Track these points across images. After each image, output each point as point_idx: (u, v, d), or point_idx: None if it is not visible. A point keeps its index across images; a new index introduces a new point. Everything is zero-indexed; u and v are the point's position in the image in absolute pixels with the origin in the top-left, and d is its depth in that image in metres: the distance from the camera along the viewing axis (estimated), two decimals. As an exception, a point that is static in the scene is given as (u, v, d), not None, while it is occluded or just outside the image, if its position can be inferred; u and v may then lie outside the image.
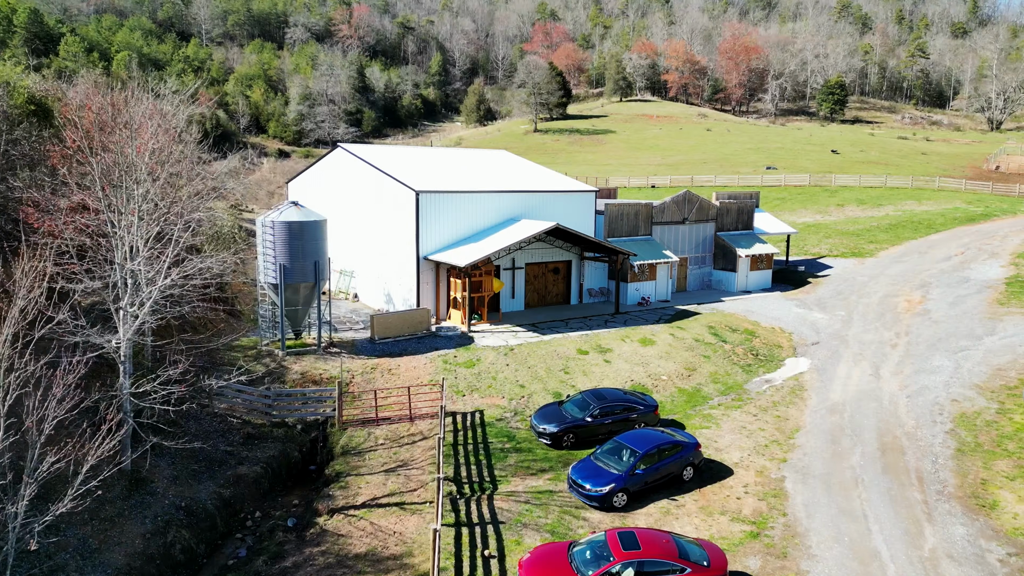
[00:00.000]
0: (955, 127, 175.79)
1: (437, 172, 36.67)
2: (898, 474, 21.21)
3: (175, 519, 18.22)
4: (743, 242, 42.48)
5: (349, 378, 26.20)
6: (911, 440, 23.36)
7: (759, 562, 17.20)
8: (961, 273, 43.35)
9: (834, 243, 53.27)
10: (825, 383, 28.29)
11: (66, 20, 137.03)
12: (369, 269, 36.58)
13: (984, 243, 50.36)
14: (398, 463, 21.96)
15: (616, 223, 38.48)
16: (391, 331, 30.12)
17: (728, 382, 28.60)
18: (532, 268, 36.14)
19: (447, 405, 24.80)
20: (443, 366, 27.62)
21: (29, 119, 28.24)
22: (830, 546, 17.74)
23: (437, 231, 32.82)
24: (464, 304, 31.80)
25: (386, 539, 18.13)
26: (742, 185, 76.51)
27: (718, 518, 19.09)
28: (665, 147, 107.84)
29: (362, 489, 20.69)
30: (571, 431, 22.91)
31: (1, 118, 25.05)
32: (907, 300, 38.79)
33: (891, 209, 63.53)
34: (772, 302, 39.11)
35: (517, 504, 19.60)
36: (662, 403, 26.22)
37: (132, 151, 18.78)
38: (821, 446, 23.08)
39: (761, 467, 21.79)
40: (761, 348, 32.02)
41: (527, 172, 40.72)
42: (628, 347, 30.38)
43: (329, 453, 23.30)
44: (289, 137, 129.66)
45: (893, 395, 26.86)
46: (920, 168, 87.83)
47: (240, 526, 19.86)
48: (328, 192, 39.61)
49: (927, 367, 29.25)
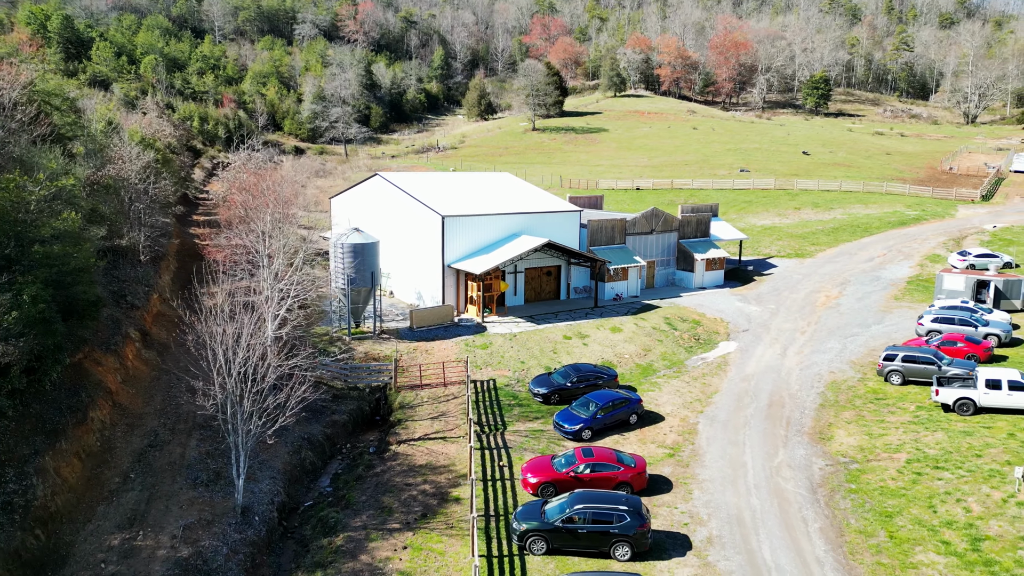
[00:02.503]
0: (933, 120, 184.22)
1: (455, 196, 46.75)
2: (774, 420, 31.67)
3: (303, 445, 28.62)
4: (700, 248, 52.71)
5: (399, 356, 36.56)
6: (792, 399, 33.80)
7: (671, 469, 27.66)
8: (876, 273, 53.66)
9: (783, 245, 63.49)
10: (744, 360, 38.70)
11: (93, 24, 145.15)
12: (402, 272, 46.78)
13: (905, 246, 60.60)
14: (439, 413, 32.38)
15: (596, 235, 48.65)
16: (425, 322, 40.47)
17: (673, 359, 39.04)
18: (530, 271, 46.40)
19: (470, 375, 35.19)
20: (465, 348, 37.98)
21: (157, 167, 38.26)
22: (716, 460, 28.22)
23: (457, 245, 43.01)
24: (478, 301, 42.12)
25: (437, 456, 28.59)
26: (716, 188, 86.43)
27: (649, 445, 29.55)
28: (652, 147, 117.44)
29: (416, 429, 31.13)
30: (556, 392, 33.33)
31: (149, 171, 35.01)
32: (826, 296, 49.15)
33: (839, 213, 73.65)
34: (719, 297, 49.45)
35: (520, 437, 30.07)
36: (622, 374, 36.63)
37: (270, 211, 28.88)
38: (728, 403, 33.53)
39: (684, 416, 32.24)
40: (702, 334, 42.44)
41: (525, 194, 50.79)
42: (601, 334, 40.77)
43: (388, 408, 33.70)
44: (304, 134, 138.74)
45: (790, 369, 37.28)
46: (880, 170, 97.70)
47: (338, 452, 30.32)
48: (367, 209, 49.67)
49: (821, 348, 39.65)
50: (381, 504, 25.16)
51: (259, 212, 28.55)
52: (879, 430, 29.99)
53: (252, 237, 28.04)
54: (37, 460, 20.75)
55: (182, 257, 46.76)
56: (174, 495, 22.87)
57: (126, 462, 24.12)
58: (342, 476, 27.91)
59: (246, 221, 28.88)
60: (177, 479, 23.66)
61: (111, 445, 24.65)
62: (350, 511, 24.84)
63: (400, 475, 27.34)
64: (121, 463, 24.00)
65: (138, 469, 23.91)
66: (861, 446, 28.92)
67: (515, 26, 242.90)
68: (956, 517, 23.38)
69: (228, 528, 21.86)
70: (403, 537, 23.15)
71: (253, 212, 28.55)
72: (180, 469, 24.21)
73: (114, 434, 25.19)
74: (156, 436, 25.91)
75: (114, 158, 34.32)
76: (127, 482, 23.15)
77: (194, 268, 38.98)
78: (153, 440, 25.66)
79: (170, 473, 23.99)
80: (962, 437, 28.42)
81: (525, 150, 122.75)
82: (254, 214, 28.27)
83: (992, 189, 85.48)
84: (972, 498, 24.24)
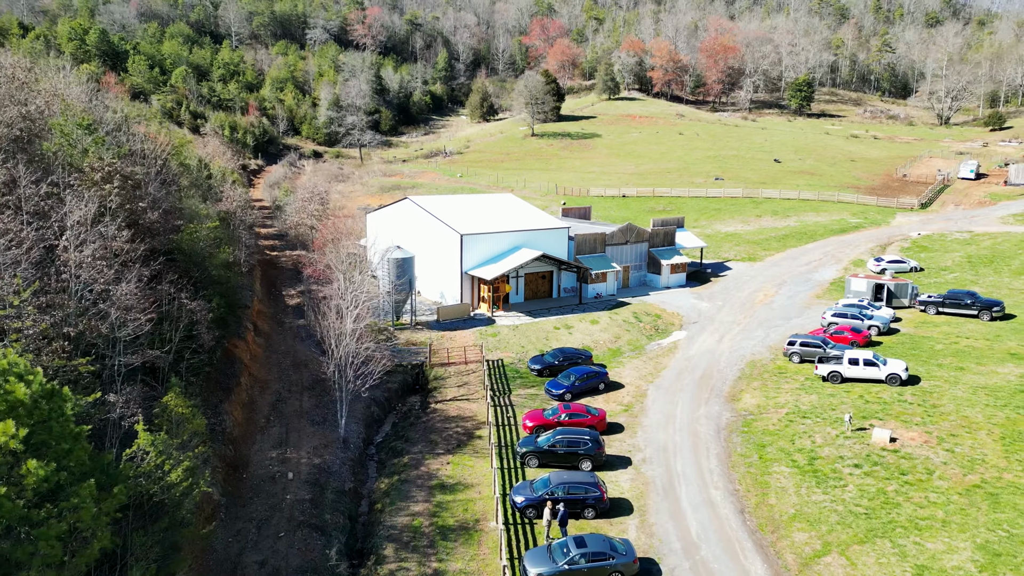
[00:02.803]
0: (909, 122, 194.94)
1: (469, 216, 59.16)
2: (702, 388, 44.33)
3: (371, 403, 41.27)
4: (666, 255, 65.22)
5: (431, 342, 49.19)
6: (719, 373, 46.45)
7: (625, 419, 40.36)
8: (809, 275, 66.21)
9: (740, 249, 75.99)
10: (689, 345, 51.33)
11: (126, 37, 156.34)
12: (427, 275, 59.27)
13: (839, 251, 73.11)
14: (462, 383, 45.04)
15: (582, 246, 61.15)
16: (448, 316, 53.07)
17: (636, 345, 51.69)
18: (529, 276, 58.92)
19: (485, 356, 47.81)
20: (479, 336, 50.59)
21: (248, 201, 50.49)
22: (656, 413, 40.91)
23: (472, 256, 55.48)
24: (488, 300, 54.69)
25: (463, 411, 41.27)
26: (692, 196, 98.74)
27: (612, 404, 42.24)
28: (640, 154, 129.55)
29: (447, 394, 43.79)
30: (547, 368, 45.98)
31: (246, 204, 47.31)
32: (764, 294, 61.73)
33: (794, 220, 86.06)
34: (680, 296, 62.02)
35: (520, 398, 42.75)
36: (597, 356, 49.26)
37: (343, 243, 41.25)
38: (672, 376, 46.20)
39: (638, 385, 44.92)
40: (661, 325, 55.09)
41: (525, 213, 63.22)
42: (583, 325, 53.40)
43: (425, 379, 46.32)
44: (320, 139, 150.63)
45: (722, 351, 49.91)
46: (840, 177, 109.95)
47: (392, 410, 43.00)
48: (398, 226, 62.08)
49: (750, 336, 52.26)
50: (429, 439, 37.91)
51: (336, 243, 40.87)
52: (774, 394, 42.66)
53: (333, 257, 40.38)
54: (222, 406, 33.19)
55: (263, 266, 59.25)
56: (302, 430, 35.47)
57: (266, 410, 36.67)
58: (399, 423, 40.67)
59: (326, 245, 41.13)
60: (301, 420, 36.26)
61: (253, 400, 37.15)
62: (409, 443, 37.59)
63: (439, 422, 40.07)
64: (263, 411, 36.55)
65: (274, 415, 36.49)
66: (759, 404, 41.62)
67: (515, 26, 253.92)
68: (804, 447, 36.07)
69: (336, 450, 34.53)
70: (446, 458, 35.90)
71: (332, 241, 40.87)
72: (301, 415, 36.80)
73: (253, 394, 37.69)
74: (280, 395, 38.46)
75: (223, 197, 46.63)
76: (270, 422, 35.73)
77: (271, 275, 51.45)
78: (279, 397, 38.20)
79: (296, 417, 36.57)
80: (828, 398, 41.10)
81: (525, 156, 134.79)
82: (333, 243, 40.58)
83: (933, 197, 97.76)
84: (818, 435, 36.95)
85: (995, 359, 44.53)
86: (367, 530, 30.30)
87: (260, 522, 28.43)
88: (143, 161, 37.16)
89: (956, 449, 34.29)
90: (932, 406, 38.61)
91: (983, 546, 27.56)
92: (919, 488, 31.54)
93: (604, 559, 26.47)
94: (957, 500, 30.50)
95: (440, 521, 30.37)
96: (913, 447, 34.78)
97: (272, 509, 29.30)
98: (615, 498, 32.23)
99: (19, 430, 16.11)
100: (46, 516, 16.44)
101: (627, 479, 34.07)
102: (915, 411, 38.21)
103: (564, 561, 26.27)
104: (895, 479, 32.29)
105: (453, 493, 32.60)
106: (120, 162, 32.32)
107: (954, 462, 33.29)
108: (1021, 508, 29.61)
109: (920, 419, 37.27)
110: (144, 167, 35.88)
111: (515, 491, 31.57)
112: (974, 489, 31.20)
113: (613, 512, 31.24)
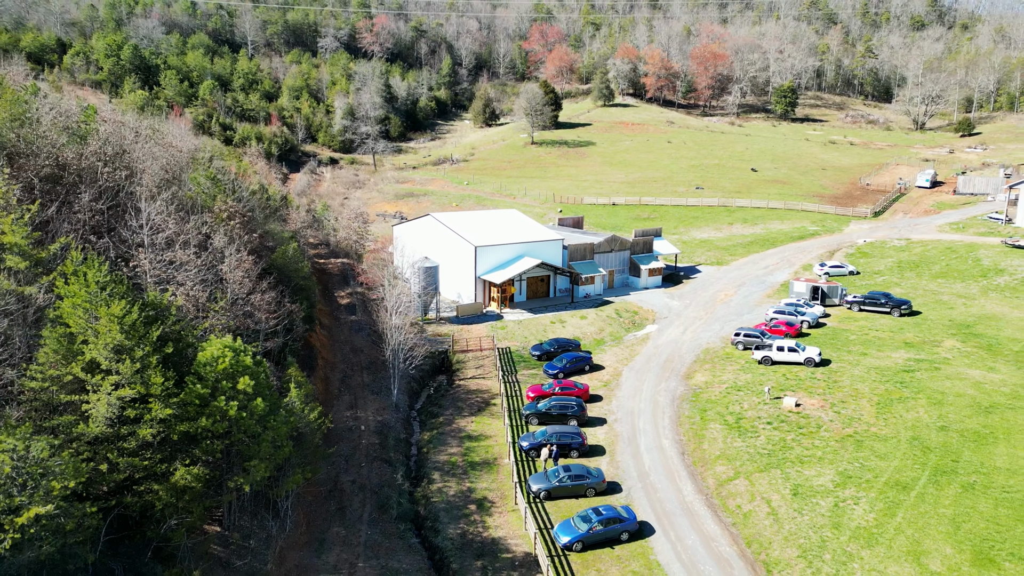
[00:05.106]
0: (887, 126, 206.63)
1: (481, 229, 71.84)
2: (665, 369, 57.14)
3: (411, 379, 54.05)
4: (645, 260, 77.98)
5: (452, 333, 61.96)
6: (679, 358, 59.25)
7: (604, 392, 53.21)
8: (765, 278, 78.97)
9: (711, 254, 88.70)
10: (658, 336, 64.12)
11: (156, 51, 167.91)
12: (447, 279, 71.97)
13: (794, 256, 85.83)
14: (479, 366, 57.83)
15: (574, 254, 73.90)
16: (465, 313, 65.90)
17: (616, 336, 64.52)
18: (530, 279, 71.67)
19: (496, 345, 60.58)
20: (490, 329, 63.37)
21: (310, 216, 63.12)
22: (627, 388, 53.74)
23: (484, 263, 68.20)
24: (498, 299, 67.51)
25: (481, 386, 54.09)
26: (673, 204, 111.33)
27: (594, 381, 55.08)
28: (630, 162, 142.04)
29: (468, 373, 56.60)
30: (545, 354, 58.85)
31: (308, 222, 60.06)
32: (725, 294, 74.52)
33: (760, 228, 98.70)
34: (655, 296, 74.78)
35: (524, 377, 55.61)
36: (585, 345, 62.08)
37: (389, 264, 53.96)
38: (642, 360, 59.01)
39: (615, 367, 57.75)
40: (637, 320, 67.91)
41: (527, 226, 75.95)
42: (574, 320, 66.21)
43: (449, 363, 59.11)
44: (336, 146, 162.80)
45: (684, 341, 62.70)
46: (809, 186, 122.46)
47: (424, 386, 55.82)
48: (422, 237, 74.75)
49: (708, 329, 65.05)
50: (456, 405, 50.76)
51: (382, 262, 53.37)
52: (720, 373, 55.48)
53: (381, 274, 53.08)
54: (311, 379, 45.86)
55: (315, 272, 71.95)
56: (366, 398, 48.29)
57: (337, 384, 49.47)
58: (433, 395, 53.53)
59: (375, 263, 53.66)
60: (364, 391, 49.09)
61: (327, 376, 49.93)
62: (442, 408, 50.43)
63: (463, 394, 52.92)
64: (335, 384, 49.36)
65: (343, 387, 49.32)
66: (707, 381, 54.46)
67: (515, 30, 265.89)
68: (735, 411, 48.91)
69: (391, 412, 47.35)
70: (471, 419, 48.75)
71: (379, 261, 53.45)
72: (364, 387, 49.65)
73: (326, 372, 50.45)
74: (345, 372, 51.25)
75: (287, 218, 59.09)
76: (341, 392, 48.53)
77: (323, 280, 64.16)
78: (345, 374, 50.99)
79: (360, 388, 49.40)
80: (759, 376, 53.92)
81: (525, 164, 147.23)
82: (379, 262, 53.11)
83: (886, 206, 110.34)
84: (746, 403, 49.79)
85: (892, 347, 57.43)
86: (419, 464, 43.25)
87: (347, 457, 41.28)
88: (240, 196, 49.72)
89: (842, 411, 47.22)
90: (834, 381, 51.53)
91: (842, 472, 40.48)
92: (809, 437, 44.44)
93: (583, 479, 39.35)
94: (833, 445, 43.42)
95: (469, 458, 43.29)
96: (812, 410, 47.70)
97: (353, 448, 42.14)
98: (593, 444, 45.15)
99: (250, 382, 28.95)
100: (263, 429, 29.38)
101: (602, 432, 46.98)
102: (820, 385, 51.14)
103: (556, 480, 39.17)
104: (793, 431, 45.21)
105: (477, 441, 45.52)
106: (234, 203, 44.94)
107: (838, 420, 46.22)
108: (876, 449, 42.52)
109: (821, 391, 50.21)
110: (243, 203, 48.43)
111: (522, 439, 44.43)
112: (847, 438, 44.11)
113: (591, 454, 44.15)
